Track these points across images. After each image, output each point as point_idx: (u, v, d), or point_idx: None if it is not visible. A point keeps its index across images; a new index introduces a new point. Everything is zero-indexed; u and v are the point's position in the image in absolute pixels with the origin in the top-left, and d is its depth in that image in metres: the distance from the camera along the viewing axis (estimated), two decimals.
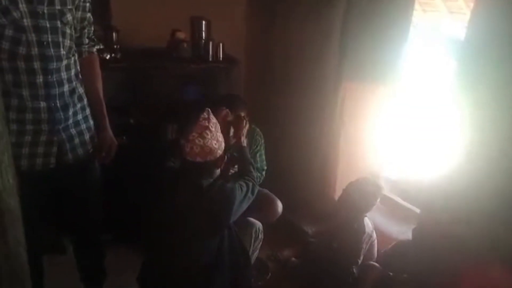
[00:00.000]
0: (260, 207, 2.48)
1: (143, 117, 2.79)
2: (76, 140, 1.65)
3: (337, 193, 2.64)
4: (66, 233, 2.08)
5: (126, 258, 2.26)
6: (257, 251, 2.16)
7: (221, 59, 2.83)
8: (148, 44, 2.79)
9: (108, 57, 2.48)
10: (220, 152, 1.73)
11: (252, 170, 1.98)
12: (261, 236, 2.12)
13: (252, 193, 1.85)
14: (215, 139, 1.70)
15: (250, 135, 2.39)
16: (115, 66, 2.52)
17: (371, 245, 2.21)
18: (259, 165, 2.50)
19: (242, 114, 2.33)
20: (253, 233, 2.07)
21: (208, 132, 1.68)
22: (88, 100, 1.72)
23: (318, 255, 2.30)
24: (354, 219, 2.16)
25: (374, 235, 2.22)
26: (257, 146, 2.49)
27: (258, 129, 2.52)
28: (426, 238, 1.89)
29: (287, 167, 2.91)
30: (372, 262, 2.13)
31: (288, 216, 2.66)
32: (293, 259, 2.42)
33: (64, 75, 1.55)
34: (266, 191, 2.56)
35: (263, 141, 2.52)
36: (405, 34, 2.15)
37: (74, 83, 1.60)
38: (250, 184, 1.85)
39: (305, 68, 2.71)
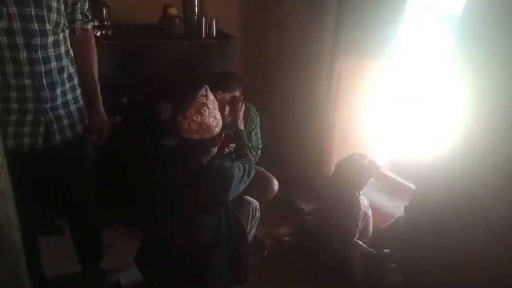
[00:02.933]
0: (256, 185, 2.48)
1: (136, 95, 2.77)
2: (65, 121, 1.62)
3: (332, 170, 2.66)
4: (61, 213, 2.08)
5: (123, 238, 2.28)
6: (254, 229, 2.19)
7: (214, 35, 2.79)
8: (140, 20, 2.75)
9: (98, 34, 2.43)
10: (217, 129, 1.73)
11: (249, 153, 1.99)
12: (258, 214, 2.14)
13: (249, 175, 1.87)
14: (213, 116, 1.70)
15: (246, 114, 2.38)
16: (106, 43, 2.47)
17: (367, 222, 2.24)
18: (254, 143, 2.50)
19: (237, 92, 2.32)
20: (250, 212, 2.09)
21: (205, 109, 1.68)
22: (80, 80, 1.69)
23: (315, 232, 2.33)
24: (347, 196, 2.18)
25: (370, 212, 2.25)
26: (252, 125, 2.48)
27: (253, 107, 2.51)
28: (418, 215, 1.93)
29: (282, 144, 2.92)
30: (356, 240, 2.16)
31: (284, 193, 2.68)
32: (287, 238, 2.45)
33: (51, 51, 1.51)
34: (262, 169, 2.57)
35: (258, 119, 2.52)
36: (402, 7, 2.12)
37: (63, 61, 1.57)
38: (247, 166, 1.87)
39: (300, 42, 2.68)
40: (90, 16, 1.73)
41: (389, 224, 2.23)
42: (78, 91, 1.68)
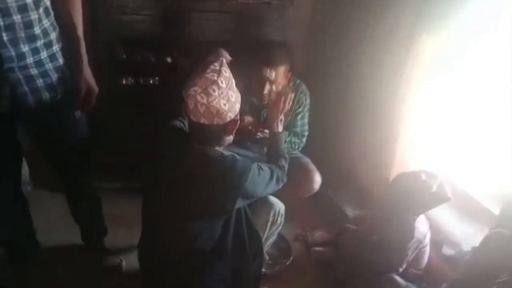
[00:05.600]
0: (295, 178, 2.06)
1: (182, 56, 2.44)
2: (39, 82, 1.33)
3: (393, 175, 2.13)
4: None
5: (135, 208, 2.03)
6: (274, 236, 1.75)
7: None
8: None
9: None
10: (231, 115, 1.32)
11: (284, 163, 1.57)
12: (281, 220, 1.69)
13: (277, 182, 1.48)
14: (225, 98, 1.28)
15: (294, 92, 1.96)
16: None
17: (420, 252, 1.70)
18: (299, 129, 2.06)
19: (283, 68, 1.87)
20: (270, 217, 1.65)
21: (215, 88, 1.27)
22: (63, 34, 1.38)
23: (353, 246, 1.87)
24: (400, 219, 1.67)
25: (427, 240, 1.71)
26: (299, 107, 2.03)
27: (304, 86, 2.04)
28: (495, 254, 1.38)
29: (336, 132, 2.42)
30: (392, 275, 1.66)
31: (328, 192, 2.23)
32: (318, 248, 2.01)
33: (11, 2, 1.18)
34: (305, 159, 2.13)
35: (308, 101, 2.05)
36: None
37: (31, 12, 1.23)
38: (276, 173, 1.47)
39: (375, 13, 2.09)
40: None
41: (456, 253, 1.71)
42: (57, 47, 1.35)
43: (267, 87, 1.87)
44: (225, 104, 1.29)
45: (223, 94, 1.28)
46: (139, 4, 2.22)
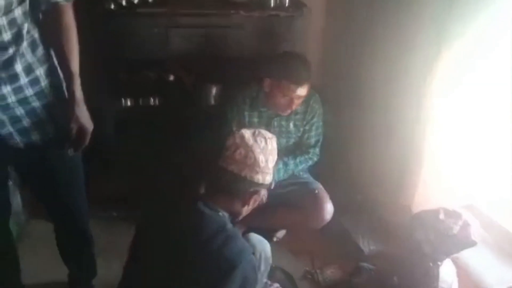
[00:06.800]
0: (304, 206, 1.87)
1: (185, 73, 2.28)
2: (26, 122, 1.19)
3: (417, 203, 1.86)
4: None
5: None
6: (261, 285, 1.48)
7: (287, 5, 2.12)
8: None
9: (136, 1, 1.95)
10: (259, 178, 1.17)
11: None
12: (265, 266, 1.42)
13: None
14: (266, 157, 1.18)
15: (306, 102, 1.87)
16: (145, 12, 1.99)
17: None
18: (313, 140, 1.94)
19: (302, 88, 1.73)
20: None
21: (263, 141, 1.19)
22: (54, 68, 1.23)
23: None
24: (420, 265, 1.41)
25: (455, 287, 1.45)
26: (313, 117, 1.91)
27: (317, 95, 1.91)
28: None
29: (351, 152, 2.19)
30: None
31: (342, 221, 1.99)
32: None
33: None
34: (315, 185, 1.93)
35: (321, 110, 1.93)
36: None
37: (12, 48, 1.09)
38: None
39: (396, 24, 1.85)
40: None
41: None
42: (46, 82, 1.20)
43: (297, 102, 1.77)
44: (262, 162, 1.16)
45: (266, 152, 1.18)
46: (134, 21, 2.06)
